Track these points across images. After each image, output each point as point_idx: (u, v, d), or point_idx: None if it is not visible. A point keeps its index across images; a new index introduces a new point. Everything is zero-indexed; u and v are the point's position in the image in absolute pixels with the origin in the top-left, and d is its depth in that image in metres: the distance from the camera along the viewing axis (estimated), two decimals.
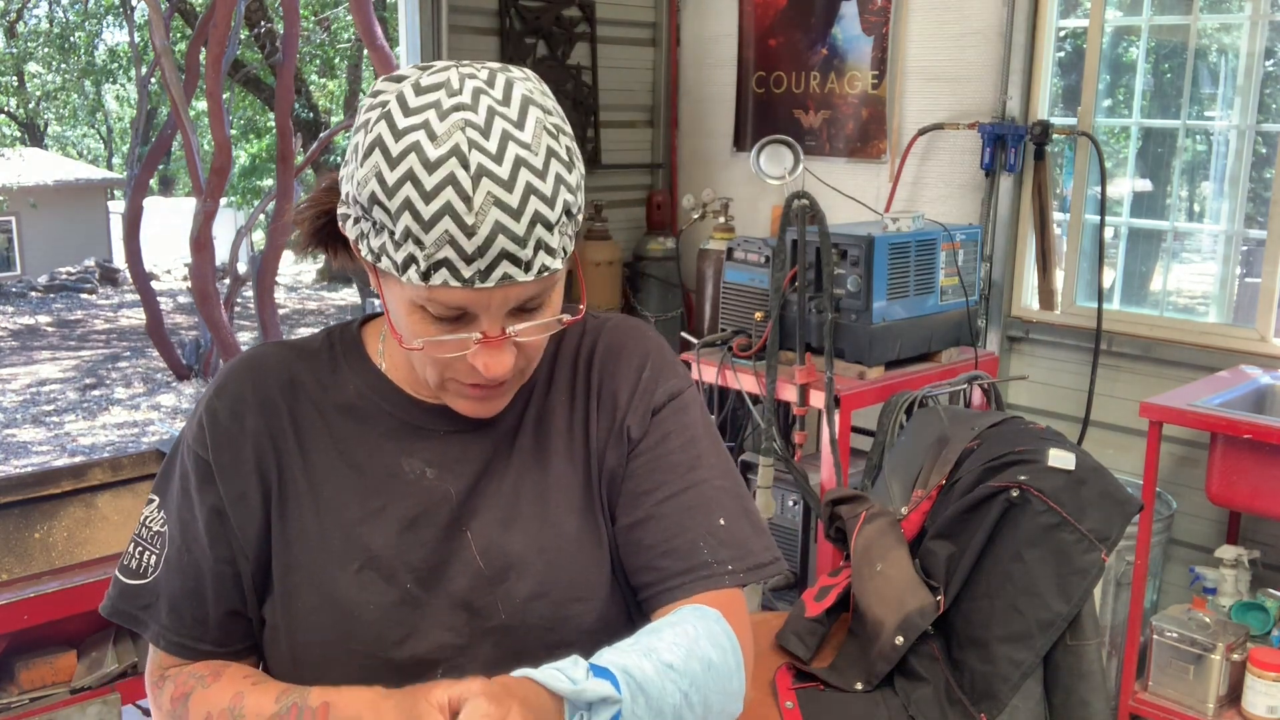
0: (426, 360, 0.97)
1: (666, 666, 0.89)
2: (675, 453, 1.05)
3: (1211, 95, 3.20)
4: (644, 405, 1.07)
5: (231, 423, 1.03)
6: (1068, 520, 1.89)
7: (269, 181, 15.05)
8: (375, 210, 0.90)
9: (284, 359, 1.07)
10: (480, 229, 0.87)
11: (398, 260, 0.90)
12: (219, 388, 1.06)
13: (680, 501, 1.03)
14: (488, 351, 0.93)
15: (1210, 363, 2.93)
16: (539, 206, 0.89)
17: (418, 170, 0.87)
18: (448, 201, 0.86)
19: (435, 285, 0.89)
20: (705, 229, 3.95)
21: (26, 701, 2.10)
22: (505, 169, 0.87)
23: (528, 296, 0.93)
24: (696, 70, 4.18)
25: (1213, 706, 2.48)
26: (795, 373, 2.77)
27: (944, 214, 3.36)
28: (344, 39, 14.48)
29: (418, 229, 0.87)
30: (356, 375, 1.07)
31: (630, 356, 1.09)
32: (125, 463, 2.77)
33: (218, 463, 1.03)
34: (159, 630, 1.04)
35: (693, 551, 1.01)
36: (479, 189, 0.87)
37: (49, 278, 17.98)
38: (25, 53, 16.89)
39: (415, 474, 1.03)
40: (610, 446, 1.06)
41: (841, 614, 2.10)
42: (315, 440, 1.04)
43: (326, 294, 18.02)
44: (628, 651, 0.89)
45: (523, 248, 0.89)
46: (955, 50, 3.41)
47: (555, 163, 0.91)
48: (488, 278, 0.89)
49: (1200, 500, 2.75)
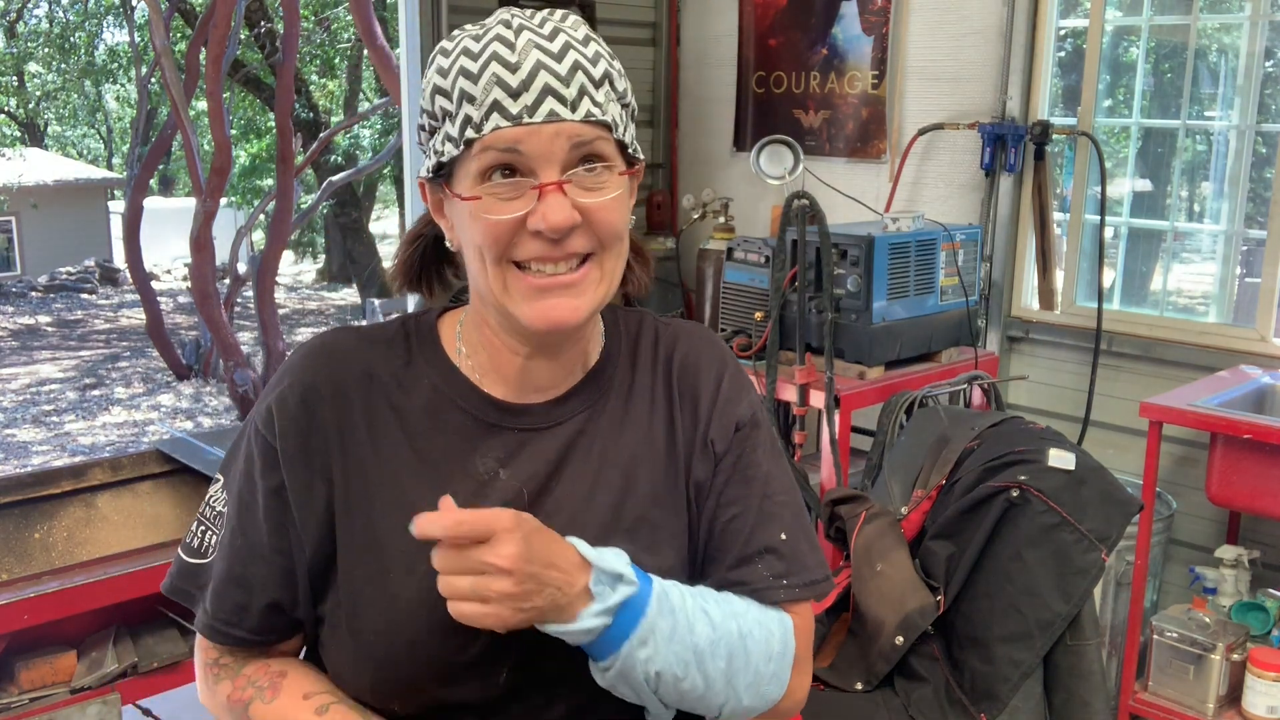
0: (485, 245, 0.96)
1: (702, 611, 0.98)
2: (750, 468, 1.09)
3: (1211, 95, 3.20)
4: (726, 419, 1.09)
5: (301, 412, 1.02)
6: (1068, 520, 1.89)
7: (269, 181, 15.04)
8: (437, 100, 0.97)
9: (358, 348, 1.06)
10: (523, 65, 0.93)
11: (456, 133, 0.95)
12: (292, 375, 1.04)
13: (749, 519, 1.07)
14: (546, 202, 0.94)
15: (1210, 363, 2.93)
16: (578, 58, 0.96)
17: (469, 43, 0.96)
18: (493, 51, 0.94)
19: (489, 131, 0.94)
20: (705, 229, 3.95)
21: (26, 701, 2.10)
22: (546, 30, 0.96)
23: (580, 141, 0.95)
24: (696, 70, 4.18)
25: (1213, 706, 2.48)
26: (795, 373, 2.77)
27: (944, 214, 3.36)
28: (344, 39, 14.48)
29: (469, 85, 0.94)
30: (431, 369, 1.06)
31: (709, 365, 1.12)
32: (125, 463, 2.77)
33: (284, 450, 1.01)
34: (201, 612, 1.05)
35: (750, 568, 1.06)
36: (521, 36, 0.95)
37: (49, 278, 17.98)
38: (25, 53, 16.88)
39: (489, 473, 1.03)
40: (697, 459, 1.08)
41: (841, 614, 2.10)
42: (388, 435, 1.03)
43: (327, 294, 18.02)
44: (676, 583, 0.99)
45: (566, 86, 0.94)
46: (955, 50, 3.41)
47: (594, 44, 0.99)
48: (535, 112, 0.93)
49: (1200, 500, 2.75)
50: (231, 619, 1.03)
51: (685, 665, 0.96)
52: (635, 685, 0.96)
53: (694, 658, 0.97)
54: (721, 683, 1.00)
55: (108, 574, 2.14)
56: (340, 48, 14.82)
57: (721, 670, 0.99)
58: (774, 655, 1.03)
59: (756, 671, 1.02)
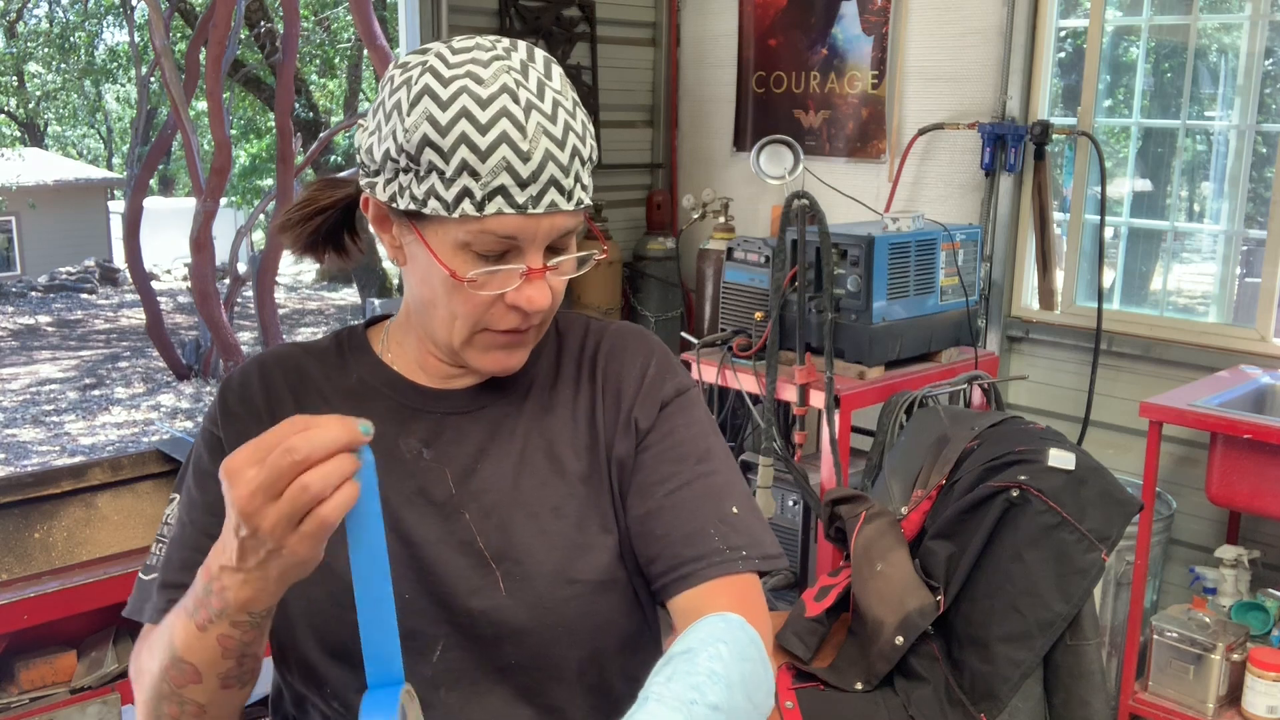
0: (461, 310, 0.99)
1: (712, 709, 0.85)
2: (684, 444, 1.07)
3: (1211, 95, 3.20)
4: (651, 398, 1.09)
5: (240, 403, 1.07)
6: (1068, 520, 1.89)
7: (269, 181, 15.04)
8: (425, 153, 0.93)
9: (291, 354, 1.12)
10: (534, 155, 0.93)
11: (449, 198, 0.94)
12: (229, 377, 1.11)
13: (692, 490, 1.04)
14: (532, 285, 0.98)
15: (1210, 363, 2.93)
16: (575, 142, 0.97)
17: (471, 107, 0.93)
18: (504, 131, 0.93)
19: (489, 214, 0.94)
20: (705, 229, 3.95)
21: (26, 701, 2.10)
22: (547, 105, 0.95)
23: (565, 230, 0.99)
24: (696, 70, 4.18)
25: (1213, 706, 2.48)
26: (795, 373, 2.77)
27: (944, 214, 3.36)
28: (344, 39, 14.48)
29: (474, 160, 0.92)
30: (360, 366, 1.11)
31: (635, 354, 1.12)
32: (125, 463, 2.77)
33: (227, 436, 1.05)
34: (153, 608, 1.02)
35: (704, 538, 1.02)
36: (530, 119, 0.94)
37: (49, 278, 17.97)
38: (25, 53, 16.88)
39: (412, 453, 1.06)
40: (619, 437, 1.08)
41: (841, 614, 2.10)
42: None
43: (327, 294, 18.02)
44: (670, 699, 0.84)
45: (566, 176, 0.96)
46: (955, 50, 3.41)
47: (579, 110, 0.99)
48: (539, 204, 0.95)
49: (1200, 500, 2.75)
50: (177, 581, 0.99)
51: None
52: None
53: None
54: None
55: (108, 574, 2.14)
56: (340, 48, 14.82)
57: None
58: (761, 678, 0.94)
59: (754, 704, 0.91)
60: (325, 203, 1.10)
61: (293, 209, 1.10)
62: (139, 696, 0.97)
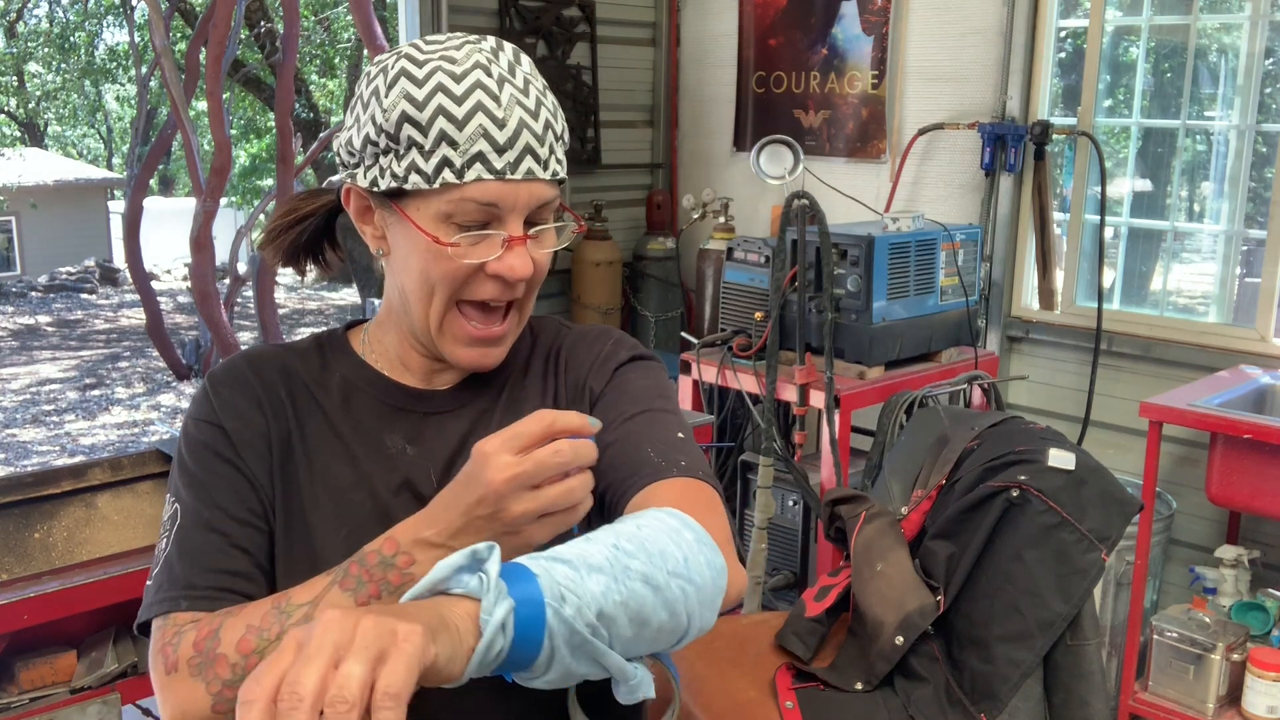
0: (439, 276, 1.01)
1: (583, 539, 0.82)
2: (634, 384, 1.10)
3: (1211, 95, 3.20)
4: (605, 367, 1.13)
5: (235, 393, 1.08)
6: (1068, 520, 1.89)
7: (269, 181, 15.04)
8: (404, 129, 0.97)
9: (274, 351, 1.14)
10: (509, 122, 0.97)
11: (429, 169, 0.97)
12: (212, 373, 1.11)
13: (635, 423, 1.05)
14: (514, 253, 1.00)
15: (1210, 363, 2.93)
16: (547, 115, 1.01)
17: (447, 82, 0.97)
18: (479, 100, 0.97)
19: (469, 181, 0.97)
20: (705, 229, 3.95)
21: (26, 701, 2.10)
22: (519, 81, 1.00)
23: (543, 200, 1.01)
24: (696, 70, 4.18)
25: (1213, 706, 2.48)
26: (795, 373, 2.77)
27: (944, 214, 3.36)
28: (344, 39, 14.49)
29: (452, 129, 0.96)
30: (342, 365, 1.13)
31: (595, 342, 1.16)
32: (125, 463, 2.76)
33: (228, 425, 1.05)
34: (179, 593, 0.98)
35: (644, 460, 1.00)
36: (504, 90, 0.98)
37: (49, 278, 17.97)
38: (25, 53, 16.90)
39: (397, 449, 1.09)
40: (574, 404, 1.11)
41: (841, 614, 2.10)
42: (309, 413, 1.09)
43: (327, 294, 18.02)
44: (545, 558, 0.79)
45: (541, 145, 1.00)
46: (955, 50, 3.41)
47: (549, 93, 1.04)
48: (516, 169, 0.98)
49: (1200, 500, 2.75)
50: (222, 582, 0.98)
51: (613, 585, 0.79)
52: (588, 648, 0.78)
53: (612, 570, 0.79)
54: (663, 577, 0.82)
55: (108, 574, 2.14)
56: (340, 48, 14.83)
57: (644, 569, 0.81)
58: (678, 528, 0.87)
59: (681, 547, 0.85)
60: (306, 210, 1.13)
61: (274, 220, 1.14)
62: (222, 676, 0.91)
